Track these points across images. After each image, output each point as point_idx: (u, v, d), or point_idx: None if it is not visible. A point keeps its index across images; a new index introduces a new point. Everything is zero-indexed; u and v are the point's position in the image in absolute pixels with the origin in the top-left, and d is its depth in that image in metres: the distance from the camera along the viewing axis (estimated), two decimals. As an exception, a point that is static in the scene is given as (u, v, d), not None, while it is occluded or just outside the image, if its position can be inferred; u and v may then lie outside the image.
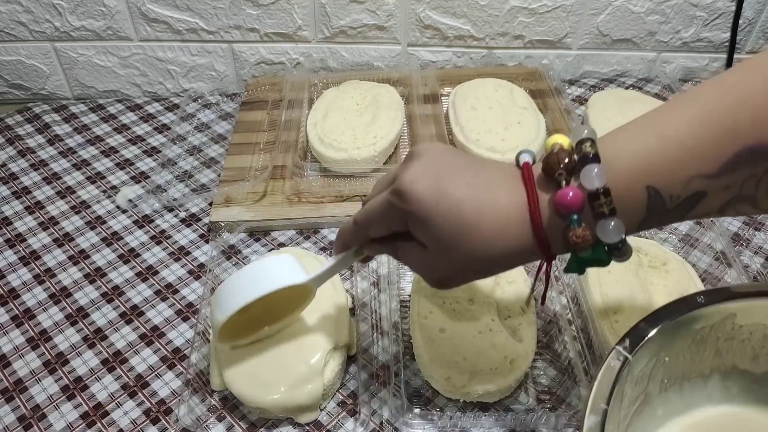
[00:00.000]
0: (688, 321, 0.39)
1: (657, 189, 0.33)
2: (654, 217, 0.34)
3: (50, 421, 0.51)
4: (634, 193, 0.33)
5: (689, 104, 0.32)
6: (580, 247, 0.34)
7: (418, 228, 0.37)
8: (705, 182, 0.32)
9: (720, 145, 0.31)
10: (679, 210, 0.33)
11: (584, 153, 0.33)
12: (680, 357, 0.41)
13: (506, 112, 0.75)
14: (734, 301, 0.40)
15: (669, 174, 0.32)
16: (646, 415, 0.41)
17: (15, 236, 0.68)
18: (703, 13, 0.84)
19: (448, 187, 0.36)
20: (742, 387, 0.43)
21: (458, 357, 0.48)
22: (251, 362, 0.50)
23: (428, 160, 0.37)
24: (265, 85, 0.86)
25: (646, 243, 0.60)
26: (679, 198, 0.33)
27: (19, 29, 0.83)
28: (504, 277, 0.56)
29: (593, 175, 0.33)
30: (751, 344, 0.42)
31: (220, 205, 0.69)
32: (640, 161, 0.33)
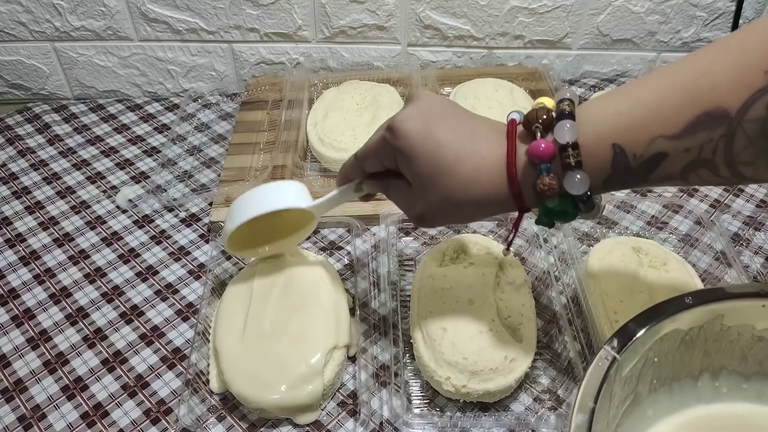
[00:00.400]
0: (676, 322, 0.39)
1: (622, 147, 0.36)
2: (618, 175, 0.37)
3: (50, 421, 0.51)
4: (601, 150, 0.36)
5: (660, 74, 0.36)
6: (546, 195, 0.37)
7: (404, 164, 0.41)
8: (666, 143, 0.35)
9: (681, 109, 0.34)
10: (642, 169, 0.36)
11: (561, 110, 0.37)
12: (669, 357, 0.41)
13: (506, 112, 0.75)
14: (722, 302, 0.40)
15: (634, 133, 0.35)
16: (636, 416, 0.41)
17: (15, 236, 0.68)
18: (703, 13, 0.84)
19: (435, 130, 0.39)
20: (732, 387, 0.43)
21: (458, 357, 0.48)
22: (251, 362, 0.50)
23: (424, 104, 0.41)
24: (265, 85, 0.86)
25: (646, 243, 0.60)
26: (642, 157, 0.35)
27: (19, 29, 0.83)
28: (504, 277, 0.56)
29: (565, 129, 0.36)
30: (739, 345, 0.42)
31: (220, 205, 0.69)
32: (609, 121, 0.36)
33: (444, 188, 0.40)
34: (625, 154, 0.36)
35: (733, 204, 0.70)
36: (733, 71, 0.32)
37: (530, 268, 0.62)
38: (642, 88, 0.36)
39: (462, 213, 0.42)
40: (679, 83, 0.34)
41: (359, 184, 0.49)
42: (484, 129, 0.41)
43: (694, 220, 0.67)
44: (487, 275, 0.54)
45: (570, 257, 0.60)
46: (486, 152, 0.39)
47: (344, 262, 0.64)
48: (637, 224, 0.67)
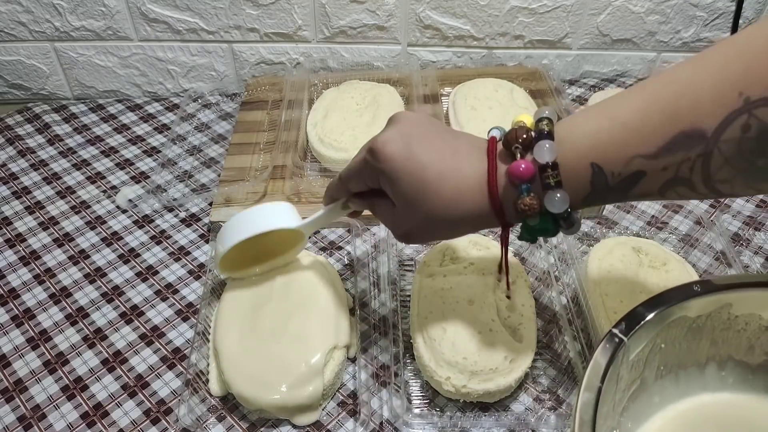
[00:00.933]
0: (684, 309, 0.39)
1: (600, 166, 0.36)
2: (597, 192, 0.37)
3: (50, 421, 0.51)
4: (580, 169, 0.37)
5: (640, 92, 0.36)
6: (527, 215, 0.38)
7: (387, 185, 0.42)
8: (644, 162, 0.35)
9: (660, 129, 0.34)
10: (621, 187, 0.37)
11: (540, 129, 0.38)
12: (676, 345, 0.41)
13: (506, 112, 0.75)
14: (730, 291, 0.40)
15: (612, 152, 0.35)
16: (642, 401, 0.42)
17: (15, 236, 0.68)
18: (703, 13, 0.84)
19: (416, 151, 0.40)
20: (738, 377, 0.43)
21: (458, 357, 0.48)
22: (251, 362, 0.50)
23: (404, 125, 0.42)
24: (265, 85, 0.86)
25: (646, 243, 0.60)
26: (621, 176, 0.36)
27: (19, 29, 0.83)
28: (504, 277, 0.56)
29: (545, 150, 0.37)
30: (746, 335, 0.42)
31: (220, 205, 0.69)
32: (588, 140, 0.36)
33: (427, 207, 0.40)
34: (603, 173, 0.36)
35: (733, 204, 0.70)
36: (711, 91, 0.32)
37: (530, 268, 0.62)
38: (621, 106, 0.36)
39: (446, 230, 0.43)
40: (657, 103, 0.34)
41: (345, 203, 0.50)
42: (466, 147, 0.41)
43: (694, 220, 0.67)
44: (487, 275, 0.54)
45: (570, 257, 0.60)
46: (468, 171, 0.40)
47: (344, 262, 0.64)
48: (637, 224, 0.67)
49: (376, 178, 0.42)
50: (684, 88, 0.34)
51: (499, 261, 0.54)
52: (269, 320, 0.53)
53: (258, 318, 0.53)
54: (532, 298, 0.55)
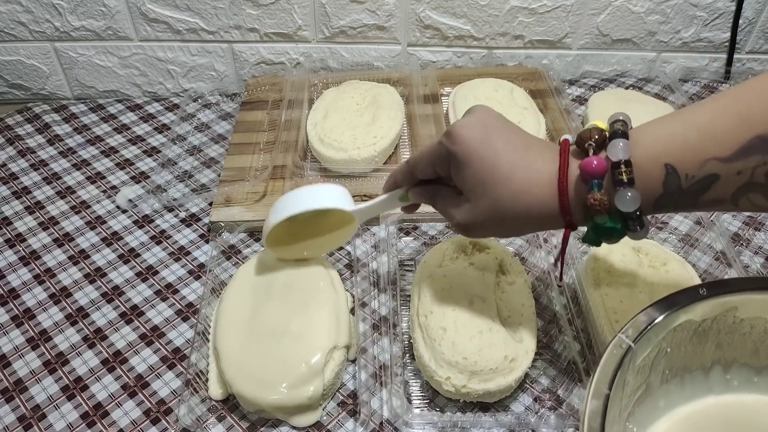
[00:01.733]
0: (690, 313, 0.39)
1: (674, 167, 0.36)
2: (669, 195, 0.37)
3: (50, 421, 0.51)
4: (653, 169, 0.37)
5: (714, 99, 0.36)
6: (596, 211, 0.38)
7: (458, 169, 0.42)
8: (719, 165, 0.35)
9: (735, 132, 0.34)
10: (693, 191, 0.36)
11: (615, 129, 0.38)
12: (681, 348, 0.41)
13: (506, 112, 0.75)
14: (736, 294, 0.40)
15: (686, 154, 0.36)
16: (648, 406, 0.42)
17: (15, 236, 0.68)
18: (703, 13, 0.84)
19: (492, 138, 0.41)
20: (743, 380, 0.43)
21: (458, 357, 0.48)
22: (251, 362, 0.50)
23: (481, 115, 0.42)
24: (265, 85, 0.86)
25: (646, 243, 0.60)
26: (694, 178, 0.36)
27: (19, 29, 0.83)
28: (504, 277, 0.56)
29: (619, 147, 0.37)
30: (752, 338, 0.42)
31: (220, 205, 0.69)
32: (662, 141, 0.37)
33: (495, 196, 0.40)
34: (677, 174, 0.36)
35: (733, 204, 0.70)
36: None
37: (530, 268, 0.62)
38: (696, 111, 0.36)
39: (507, 224, 0.42)
40: (732, 107, 0.35)
41: (406, 192, 0.49)
42: (538, 145, 0.42)
43: (694, 220, 0.67)
44: (487, 275, 0.54)
45: (570, 257, 0.60)
46: (539, 165, 0.40)
47: (344, 262, 0.64)
48: (637, 224, 0.67)
49: (447, 162, 0.43)
50: (760, 93, 0.34)
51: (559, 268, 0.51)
52: (269, 320, 0.53)
53: (258, 318, 0.53)
54: (532, 298, 0.55)
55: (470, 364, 0.48)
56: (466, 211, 0.43)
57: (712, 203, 0.37)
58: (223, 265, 0.62)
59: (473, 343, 0.49)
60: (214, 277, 0.60)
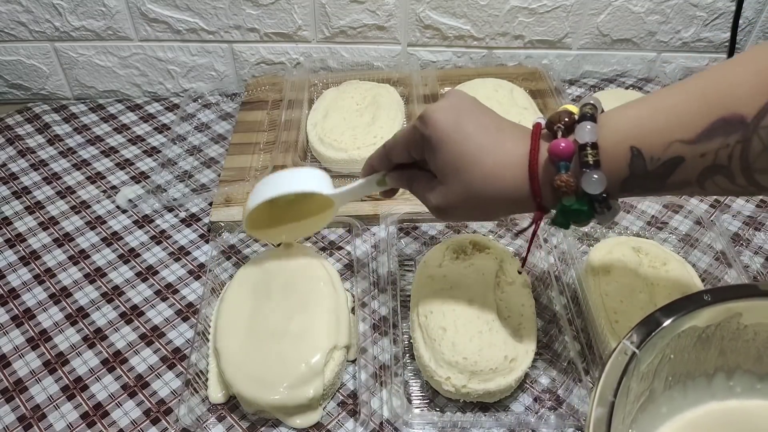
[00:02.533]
0: (695, 319, 0.39)
1: (639, 149, 0.37)
2: (635, 177, 0.38)
3: (50, 421, 0.51)
4: (619, 152, 0.37)
5: (681, 84, 0.37)
6: (563, 192, 0.38)
7: (431, 152, 0.43)
8: (683, 147, 0.35)
9: (699, 114, 0.35)
10: (659, 173, 0.37)
11: (583, 113, 0.38)
12: (685, 355, 0.41)
13: (506, 112, 0.75)
14: (740, 301, 0.40)
15: (652, 137, 0.36)
16: (651, 412, 0.41)
17: (15, 236, 0.68)
18: (703, 13, 0.84)
19: (464, 122, 0.41)
20: (746, 387, 0.43)
21: (458, 357, 0.48)
22: (251, 362, 0.50)
23: (455, 100, 0.43)
24: (265, 85, 0.86)
25: (646, 243, 0.60)
26: (659, 161, 0.36)
27: (19, 29, 0.83)
28: (504, 277, 0.56)
29: (586, 130, 0.38)
30: (755, 345, 0.42)
31: (220, 205, 0.69)
32: (628, 125, 0.37)
33: (467, 178, 0.41)
34: (642, 156, 0.37)
35: (733, 204, 0.70)
36: (751, 79, 0.33)
37: (530, 268, 0.62)
38: (662, 95, 0.37)
39: (481, 207, 0.43)
40: (697, 90, 0.35)
41: (383, 177, 0.49)
42: (509, 128, 0.42)
43: (694, 220, 0.67)
44: (487, 275, 0.54)
45: (570, 257, 0.60)
46: (510, 148, 0.41)
47: (344, 262, 0.64)
48: (637, 224, 0.67)
49: (422, 146, 0.43)
50: (724, 76, 0.35)
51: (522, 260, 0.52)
52: (269, 320, 0.53)
53: (258, 318, 0.53)
54: (532, 298, 0.55)
55: (470, 364, 0.48)
56: (440, 194, 0.44)
57: (679, 185, 0.37)
58: (223, 265, 0.62)
59: (473, 343, 0.49)
60: (214, 277, 0.60)
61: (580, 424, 0.49)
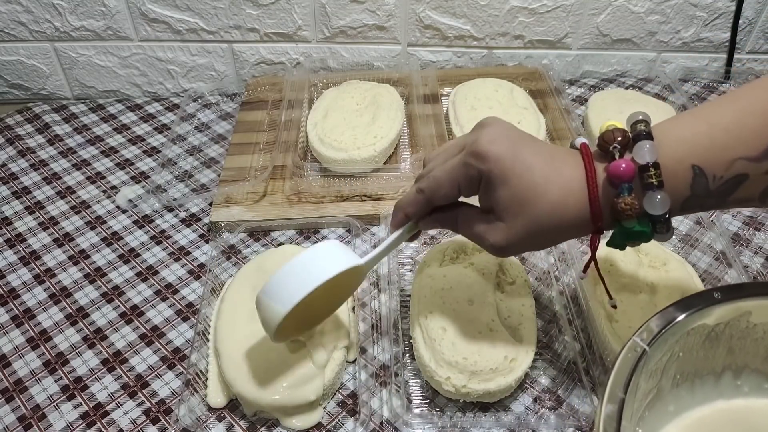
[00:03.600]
0: (705, 317, 0.39)
1: (702, 168, 0.36)
2: (697, 197, 0.37)
3: (50, 421, 0.51)
4: (680, 171, 0.36)
5: (735, 98, 0.36)
6: (626, 215, 0.37)
7: (491, 189, 0.39)
8: (747, 165, 0.35)
9: (762, 132, 0.34)
10: (721, 192, 0.36)
11: (638, 131, 0.37)
12: (693, 353, 0.41)
13: (506, 112, 0.75)
14: (750, 299, 0.40)
15: (714, 155, 0.35)
16: (658, 410, 0.41)
17: (15, 236, 0.68)
18: (703, 13, 0.84)
19: (522, 152, 0.39)
20: (754, 386, 0.43)
21: (458, 357, 0.48)
22: (252, 362, 0.50)
23: (500, 127, 0.40)
24: (265, 85, 0.86)
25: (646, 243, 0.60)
26: (722, 179, 0.36)
27: (19, 29, 0.83)
28: (504, 277, 0.56)
29: (645, 150, 0.36)
30: (764, 344, 0.42)
31: (220, 205, 0.69)
32: (687, 143, 0.36)
33: (534, 212, 0.39)
34: (704, 175, 0.36)
35: (733, 204, 0.70)
36: None
37: (530, 268, 0.62)
38: (718, 111, 0.36)
39: (542, 238, 0.41)
40: (757, 106, 0.35)
41: (416, 224, 0.46)
42: (560, 152, 0.40)
43: (694, 220, 0.67)
44: (487, 275, 0.54)
45: (570, 257, 0.60)
46: (569, 173, 0.39)
47: (344, 262, 0.64)
48: (637, 224, 0.67)
49: (477, 183, 0.40)
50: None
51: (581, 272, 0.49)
52: (269, 320, 0.53)
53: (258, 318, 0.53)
54: (532, 298, 0.55)
55: (470, 364, 0.48)
56: (502, 231, 0.40)
57: (740, 202, 0.37)
58: (223, 265, 0.62)
59: (473, 343, 0.49)
60: (214, 277, 0.60)
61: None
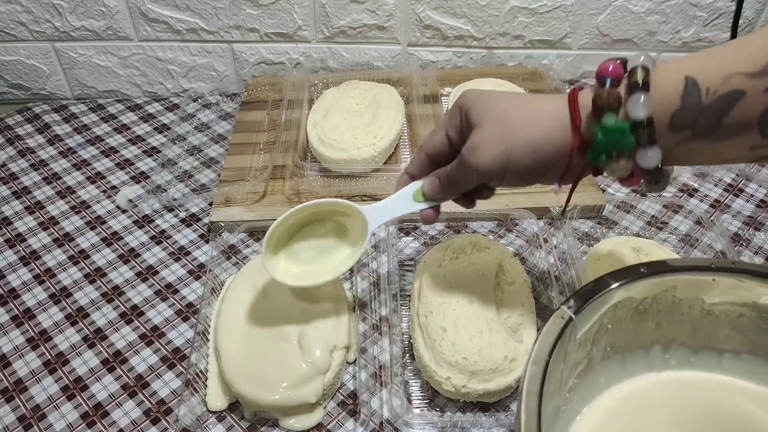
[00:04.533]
0: (631, 290, 0.40)
1: (695, 79, 0.33)
2: (687, 110, 0.34)
3: (50, 421, 0.51)
4: (672, 80, 0.34)
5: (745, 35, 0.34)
6: (605, 104, 0.35)
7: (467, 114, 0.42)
8: (745, 80, 0.32)
9: (765, 47, 0.32)
10: (715, 109, 0.33)
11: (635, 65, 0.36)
12: (623, 326, 0.42)
13: (506, 112, 0.75)
14: (675, 274, 0.41)
15: (710, 68, 0.33)
16: (589, 381, 0.42)
17: (15, 236, 0.68)
18: (703, 13, 0.84)
19: (499, 93, 0.42)
20: (681, 359, 0.44)
21: (458, 357, 0.48)
22: (252, 362, 0.50)
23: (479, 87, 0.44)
24: (265, 85, 0.86)
25: (646, 243, 0.60)
26: (716, 93, 0.33)
27: (19, 29, 0.83)
28: (504, 277, 0.56)
29: (639, 60, 0.35)
30: (689, 318, 0.43)
31: (220, 205, 0.69)
32: (685, 58, 0.35)
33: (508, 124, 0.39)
34: (697, 86, 0.33)
35: (733, 204, 0.70)
36: None
37: (530, 268, 0.62)
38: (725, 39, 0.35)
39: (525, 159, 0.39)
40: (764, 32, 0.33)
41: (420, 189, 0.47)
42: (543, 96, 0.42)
43: (694, 220, 0.67)
44: (487, 275, 0.54)
45: (570, 257, 0.60)
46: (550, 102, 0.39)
47: (344, 262, 0.64)
48: (637, 224, 0.67)
49: (457, 117, 0.43)
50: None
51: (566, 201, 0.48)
52: (270, 320, 0.53)
53: (259, 318, 0.53)
54: (532, 298, 0.55)
55: (470, 364, 0.48)
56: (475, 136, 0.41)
57: (737, 128, 0.34)
58: (223, 265, 0.62)
59: (473, 343, 0.49)
60: (214, 277, 0.60)
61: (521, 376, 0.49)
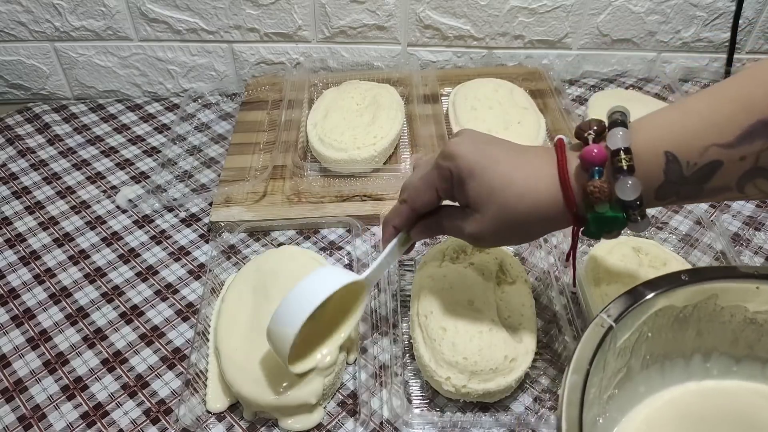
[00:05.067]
0: (671, 298, 0.40)
1: (675, 154, 0.36)
2: (671, 183, 0.36)
3: (50, 421, 0.51)
4: (653, 157, 0.36)
5: (712, 89, 0.37)
6: (596, 198, 0.37)
7: (461, 183, 0.42)
8: (721, 151, 0.34)
9: (736, 117, 0.34)
10: (696, 178, 0.36)
11: (613, 119, 0.38)
12: (662, 334, 0.42)
13: (506, 112, 0.75)
14: (717, 282, 0.40)
15: (687, 141, 0.35)
16: (628, 390, 0.42)
17: (15, 236, 0.68)
18: (703, 13, 0.84)
19: (487, 148, 0.41)
20: (723, 369, 0.44)
21: (458, 357, 0.48)
22: (252, 362, 0.50)
23: (469, 132, 0.43)
24: (265, 85, 0.86)
25: (646, 243, 0.60)
26: (696, 165, 0.35)
27: (19, 29, 0.83)
28: (504, 277, 0.56)
29: (618, 136, 0.37)
30: (731, 327, 0.42)
31: (220, 205, 0.69)
32: (661, 129, 0.37)
33: (501, 200, 0.40)
34: (678, 161, 0.36)
35: (733, 204, 0.70)
36: None
37: (530, 268, 0.62)
38: (694, 100, 0.37)
39: (517, 228, 0.42)
40: (732, 93, 0.35)
41: (407, 235, 0.48)
42: (533, 148, 0.42)
43: (694, 220, 0.67)
44: (487, 275, 0.54)
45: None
46: (539, 163, 0.40)
47: (344, 262, 0.64)
48: (637, 224, 0.67)
49: (450, 182, 0.42)
50: (760, 78, 0.34)
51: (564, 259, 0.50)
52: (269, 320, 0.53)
53: (258, 318, 0.53)
54: (532, 298, 0.55)
55: (470, 364, 0.48)
56: (475, 221, 0.42)
57: (718, 191, 0.36)
58: (223, 265, 0.62)
59: (473, 343, 0.49)
60: (214, 277, 0.60)
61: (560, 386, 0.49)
